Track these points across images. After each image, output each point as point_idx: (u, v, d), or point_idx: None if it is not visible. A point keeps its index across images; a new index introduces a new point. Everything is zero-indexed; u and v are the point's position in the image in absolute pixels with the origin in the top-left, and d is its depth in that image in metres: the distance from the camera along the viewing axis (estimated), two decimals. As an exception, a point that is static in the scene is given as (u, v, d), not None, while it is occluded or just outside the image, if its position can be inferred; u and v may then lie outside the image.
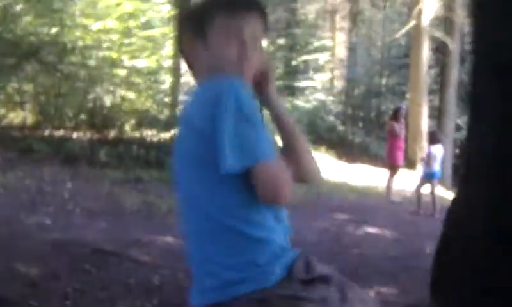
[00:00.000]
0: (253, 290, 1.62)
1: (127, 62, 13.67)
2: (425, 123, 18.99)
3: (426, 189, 11.24)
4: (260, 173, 1.60)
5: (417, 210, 11.02)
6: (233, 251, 1.66)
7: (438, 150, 11.27)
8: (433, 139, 11.73)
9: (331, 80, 41.62)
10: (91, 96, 13.22)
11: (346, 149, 22.78)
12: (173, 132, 12.71)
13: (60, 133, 12.20)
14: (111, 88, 13.48)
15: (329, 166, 16.76)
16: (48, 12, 13.09)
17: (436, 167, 11.26)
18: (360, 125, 29.53)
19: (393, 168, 12.30)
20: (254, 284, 1.63)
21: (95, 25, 13.79)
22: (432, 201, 10.97)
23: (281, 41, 37.16)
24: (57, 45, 12.54)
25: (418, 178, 12.01)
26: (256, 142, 1.60)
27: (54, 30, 13.13)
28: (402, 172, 14.04)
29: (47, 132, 11.99)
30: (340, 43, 43.52)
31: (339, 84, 39.35)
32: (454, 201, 3.78)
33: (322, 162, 17.52)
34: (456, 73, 21.36)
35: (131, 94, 13.98)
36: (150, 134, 12.74)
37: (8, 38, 12.18)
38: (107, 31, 13.83)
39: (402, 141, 12.87)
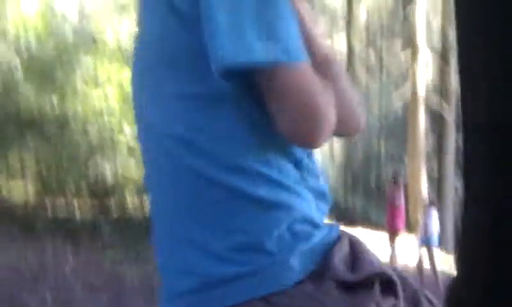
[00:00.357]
0: (260, 295, 1.00)
1: (129, 129, 13.75)
2: (424, 189, 19.01)
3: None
4: (290, 82, 0.97)
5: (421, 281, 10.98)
6: (228, 227, 1.02)
7: (432, 215, 11.53)
8: (427, 204, 12.28)
9: (330, 147, 41.90)
10: (92, 165, 13.25)
11: (346, 215, 22.74)
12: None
13: (62, 203, 12.16)
14: (112, 156, 13.53)
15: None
16: (49, 82, 13.28)
17: (433, 232, 11.51)
18: (360, 191, 29.56)
19: (393, 234, 12.31)
20: (261, 285, 1.00)
21: (95, 93, 13.99)
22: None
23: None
24: (58, 115, 12.67)
25: (416, 246, 12.02)
26: (282, 28, 0.97)
27: (55, 100, 13.29)
28: (403, 236, 13.96)
29: (48, 202, 11.96)
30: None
31: (337, 152, 39.60)
32: (454, 279, 3.75)
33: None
34: (453, 139, 21.52)
35: (132, 161, 14.00)
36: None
37: (9, 109, 12.32)
38: (107, 99, 14.00)
39: (402, 207, 12.89)
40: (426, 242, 11.37)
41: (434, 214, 11.54)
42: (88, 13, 16.46)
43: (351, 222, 20.89)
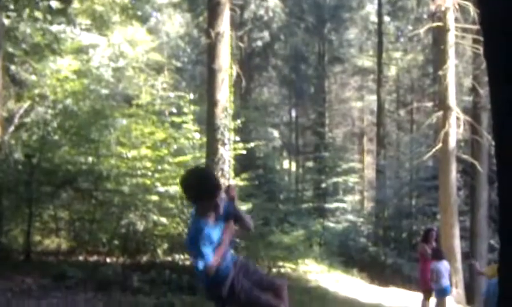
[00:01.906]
0: None
1: (160, 188, 13.99)
2: (457, 245, 18.76)
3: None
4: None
5: None
6: None
7: (443, 266, 11.54)
8: (437, 256, 11.91)
9: (361, 201, 41.78)
10: (124, 222, 13.44)
11: (378, 271, 22.50)
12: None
13: (94, 259, 12.37)
14: (144, 214, 13.71)
15: (362, 289, 16.54)
16: (85, 142, 13.63)
17: (445, 282, 11.47)
18: (392, 246, 29.28)
19: (427, 292, 12.13)
20: None
21: (130, 154, 14.29)
22: None
23: (310, 164, 37.73)
24: (93, 173, 12.93)
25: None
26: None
27: (90, 159, 13.61)
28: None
29: (81, 258, 12.16)
30: (368, 165, 44.01)
31: (369, 206, 39.41)
32: None
33: (354, 285, 17.31)
34: (486, 194, 21.36)
35: (164, 219, 14.19)
36: (183, 258, 12.83)
37: (46, 167, 12.62)
38: (140, 159, 14.29)
39: (434, 263, 12.75)
40: (437, 293, 11.52)
41: (441, 264, 11.66)
42: (123, 74, 16.98)
43: (384, 280, 20.66)
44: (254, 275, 4.69)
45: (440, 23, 19.81)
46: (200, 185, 4.36)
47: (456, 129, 19.41)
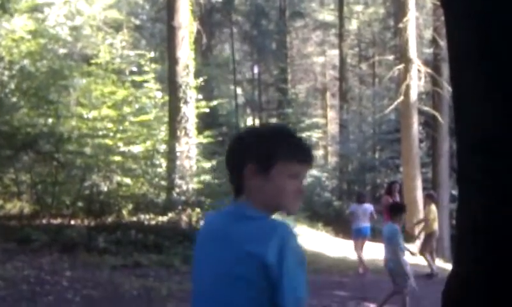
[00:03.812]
0: None
1: (123, 148, 13.85)
2: (420, 196, 19.07)
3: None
4: None
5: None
6: None
7: (360, 209, 12.30)
8: (358, 199, 12.92)
9: (325, 156, 42.09)
10: (87, 184, 13.30)
11: (343, 225, 22.77)
12: (170, 215, 12.76)
13: (58, 221, 12.23)
14: (108, 174, 13.57)
15: (327, 243, 16.75)
16: (44, 103, 13.35)
17: (359, 224, 12.18)
18: (355, 199, 29.65)
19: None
20: None
21: (90, 114, 14.07)
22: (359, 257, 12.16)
23: (273, 120, 37.72)
24: (53, 135, 12.71)
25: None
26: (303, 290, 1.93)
27: (50, 120, 13.35)
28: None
29: (44, 221, 12.02)
30: (331, 120, 44.21)
31: (333, 160, 39.73)
32: (450, 279, 3.77)
33: (320, 239, 17.50)
34: (447, 145, 21.68)
35: (127, 180, 14.08)
36: (148, 218, 12.78)
37: (5, 130, 12.35)
38: (102, 119, 14.09)
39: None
40: (354, 233, 12.46)
41: (361, 207, 12.37)
42: (81, 32, 16.56)
43: (348, 233, 20.96)
44: None
45: (399, -24, 19.79)
46: None
47: (417, 81, 19.54)
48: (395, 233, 7.54)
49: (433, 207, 12.64)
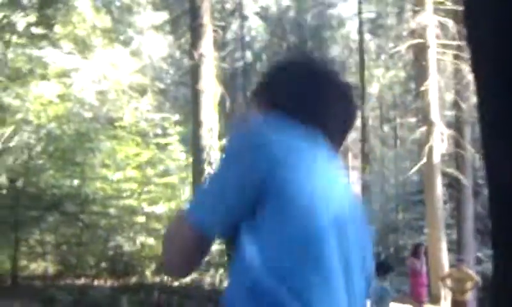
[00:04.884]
0: None
1: (147, 209, 13.95)
2: (445, 258, 18.81)
3: None
4: None
5: None
6: None
7: None
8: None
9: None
10: (111, 244, 13.37)
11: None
12: (193, 275, 12.72)
13: (81, 282, 12.27)
14: (131, 235, 13.65)
15: None
16: (70, 165, 13.57)
17: None
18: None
19: (418, 305, 12.16)
20: None
21: (115, 176, 14.25)
22: None
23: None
24: (78, 197, 12.88)
25: None
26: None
27: (75, 182, 13.54)
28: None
29: (68, 281, 12.06)
30: (353, 181, 44.06)
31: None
32: None
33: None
34: (472, 207, 21.47)
35: (151, 240, 14.13)
36: (171, 279, 12.76)
37: (31, 192, 12.55)
38: (126, 180, 14.25)
39: (424, 276, 12.82)
40: None
41: None
42: (106, 96, 16.90)
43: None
44: None
45: (420, 40, 19.99)
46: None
47: (439, 143, 19.52)
48: (387, 290, 7.39)
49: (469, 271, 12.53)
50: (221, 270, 12.72)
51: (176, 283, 12.49)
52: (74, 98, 15.03)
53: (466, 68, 19.44)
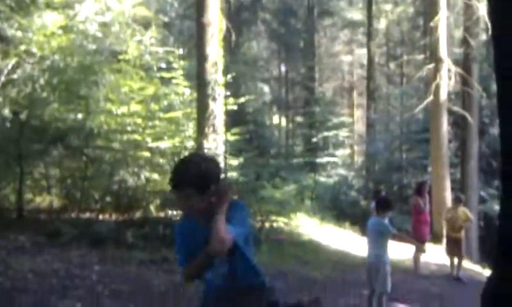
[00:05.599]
0: None
1: (151, 144, 13.91)
2: (448, 196, 18.88)
3: None
4: None
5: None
6: None
7: None
8: (375, 195, 12.88)
9: (352, 155, 41.88)
10: (116, 179, 13.39)
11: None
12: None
13: (86, 216, 12.34)
14: (136, 170, 13.66)
15: (354, 242, 16.65)
16: (74, 99, 13.45)
17: None
18: (382, 199, 29.35)
19: (420, 243, 12.21)
20: None
21: (119, 110, 14.15)
22: None
23: (300, 119, 37.67)
24: (83, 130, 12.81)
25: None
26: None
27: (80, 116, 13.46)
28: (429, 246, 13.95)
29: (73, 215, 12.13)
30: (358, 119, 44.00)
31: (359, 159, 39.53)
32: (492, 278, 3.72)
33: (346, 238, 17.42)
34: (476, 146, 21.42)
35: (155, 176, 14.14)
36: (175, 214, 12.82)
37: (35, 125, 12.48)
38: (130, 115, 14.16)
39: (427, 215, 12.86)
40: None
41: None
42: (110, 29, 16.63)
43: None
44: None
45: (430, -26, 19.58)
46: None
47: (447, 81, 19.33)
48: (385, 225, 7.40)
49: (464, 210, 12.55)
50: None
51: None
52: (77, 29, 14.78)
53: (476, 4, 19.07)
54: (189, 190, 3.06)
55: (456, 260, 12.45)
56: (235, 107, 16.67)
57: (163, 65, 17.24)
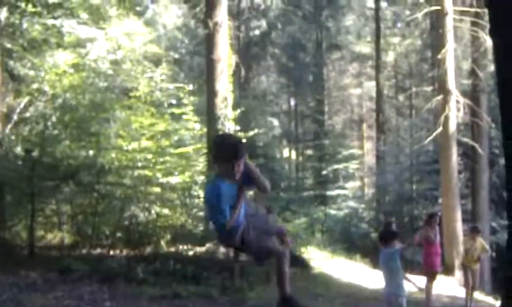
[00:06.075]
0: None
1: (161, 179, 14.01)
2: (459, 228, 18.80)
3: None
4: None
5: None
6: None
7: None
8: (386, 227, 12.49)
9: (362, 187, 41.80)
10: (127, 214, 13.47)
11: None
12: (208, 245, 12.82)
13: (97, 252, 12.40)
14: (146, 205, 13.74)
15: (365, 274, 16.59)
16: (86, 136, 13.61)
17: None
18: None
19: (431, 274, 12.15)
20: None
21: (130, 146, 14.28)
22: None
23: (310, 152, 37.73)
24: (94, 167, 12.93)
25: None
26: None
27: (91, 152, 13.60)
28: (440, 278, 13.86)
29: (84, 251, 12.20)
30: (368, 151, 44.01)
31: (370, 192, 39.43)
32: None
33: (357, 271, 17.33)
34: (487, 177, 21.38)
35: (166, 211, 14.22)
36: (186, 249, 12.86)
37: (47, 162, 12.62)
38: (141, 151, 14.29)
39: (438, 246, 12.80)
40: None
41: None
42: (121, 66, 16.88)
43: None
44: (262, 225, 5.16)
45: (437, 7, 19.75)
46: (222, 148, 4.73)
47: (455, 112, 19.40)
48: (393, 252, 7.35)
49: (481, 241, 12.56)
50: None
51: (190, 253, 12.59)
52: (89, 68, 15.03)
53: (483, 36, 19.21)
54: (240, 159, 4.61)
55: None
56: (244, 141, 16.77)
57: (173, 101, 17.44)
